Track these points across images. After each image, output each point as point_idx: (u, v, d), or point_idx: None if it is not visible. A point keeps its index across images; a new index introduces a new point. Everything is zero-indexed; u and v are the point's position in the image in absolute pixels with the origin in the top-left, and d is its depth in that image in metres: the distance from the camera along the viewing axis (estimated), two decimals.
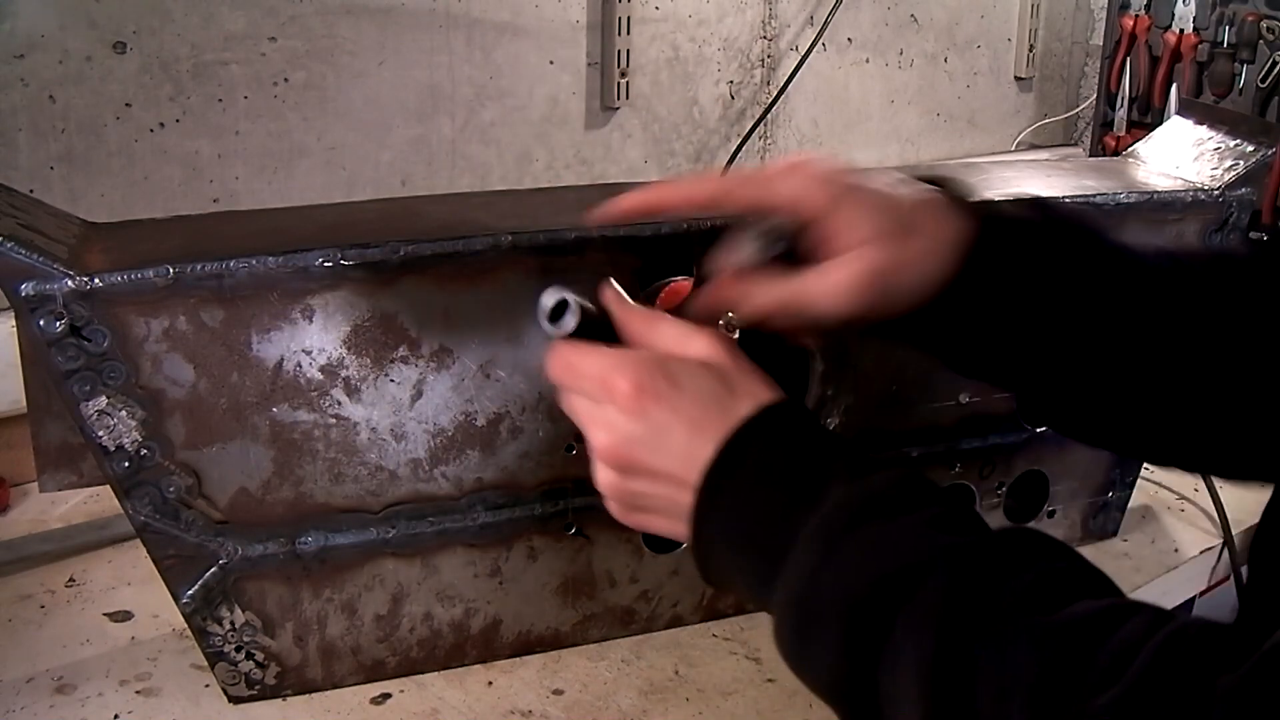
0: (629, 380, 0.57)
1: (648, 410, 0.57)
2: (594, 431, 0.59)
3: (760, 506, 0.55)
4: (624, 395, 0.57)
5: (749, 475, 0.55)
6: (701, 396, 0.57)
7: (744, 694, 0.83)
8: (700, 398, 0.57)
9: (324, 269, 0.71)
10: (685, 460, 0.56)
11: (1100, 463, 1.01)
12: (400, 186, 1.35)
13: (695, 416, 0.57)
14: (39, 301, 0.66)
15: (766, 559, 0.54)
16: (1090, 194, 0.90)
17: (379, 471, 0.77)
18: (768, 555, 0.54)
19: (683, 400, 0.57)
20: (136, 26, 1.13)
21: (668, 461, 0.57)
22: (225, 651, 0.78)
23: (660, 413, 0.57)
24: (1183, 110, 1.06)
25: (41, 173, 1.10)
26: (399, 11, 1.29)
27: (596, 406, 0.59)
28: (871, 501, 0.52)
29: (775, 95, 1.68)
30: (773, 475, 0.55)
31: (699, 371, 0.58)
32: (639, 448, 0.57)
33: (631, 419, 0.57)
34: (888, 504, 0.52)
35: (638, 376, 0.57)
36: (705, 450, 0.56)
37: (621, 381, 0.57)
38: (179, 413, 0.71)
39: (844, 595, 0.50)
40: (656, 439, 0.57)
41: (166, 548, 0.74)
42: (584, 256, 0.76)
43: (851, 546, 0.51)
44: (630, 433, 0.57)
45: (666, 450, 0.57)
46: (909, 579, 0.48)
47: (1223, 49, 1.74)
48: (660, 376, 0.57)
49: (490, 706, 0.81)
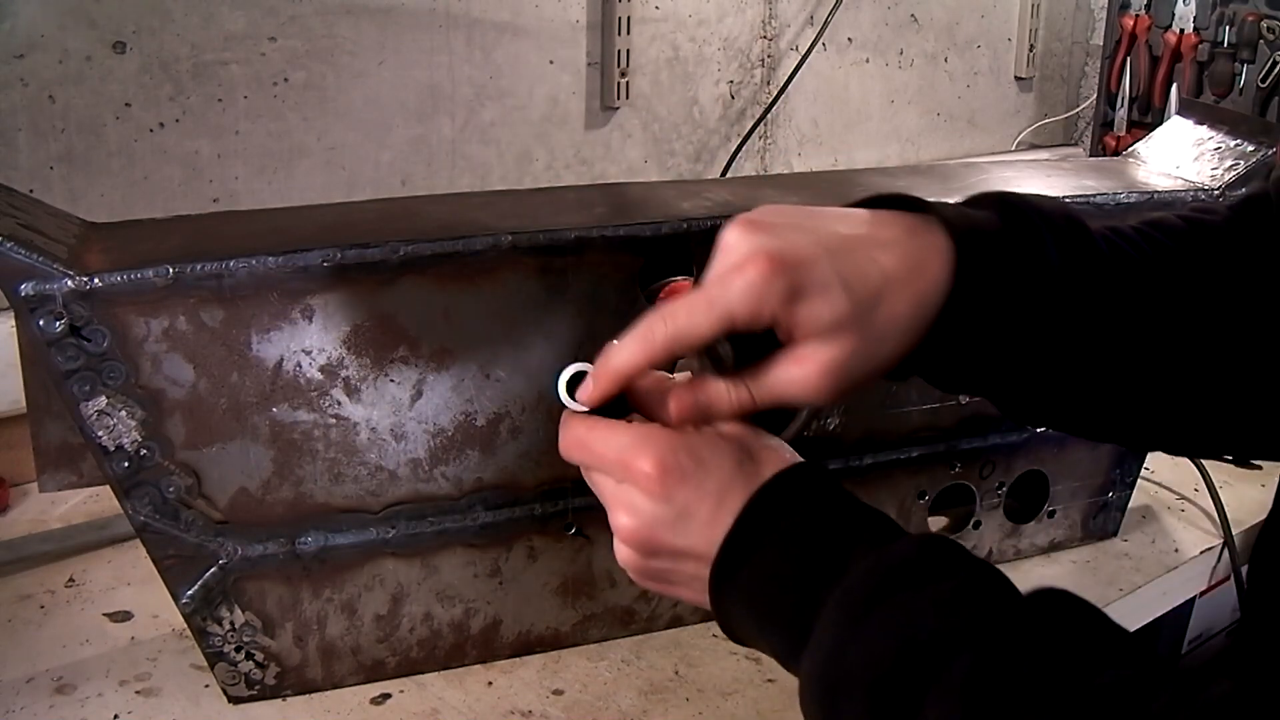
0: (652, 461, 0.56)
1: (672, 492, 0.56)
2: (616, 513, 0.58)
3: (781, 577, 0.54)
4: (647, 477, 0.56)
5: (768, 545, 0.55)
6: (725, 471, 0.56)
7: (744, 694, 0.83)
8: (724, 472, 0.56)
9: (324, 269, 0.71)
10: (708, 536, 0.56)
11: (1100, 463, 1.01)
12: (400, 186, 1.35)
13: (719, 491, 0.56)
14: (39, 301, 0.66)
15: (790, 630, 0.53)
16: (1090, 194, 0.90)
17: (379, 471, 0.77)
18: (791, 627, 0.53)
19: (707, 478, 0.56)
20: (136, 26, 1.13)
21: (691, 540, 0.56)
22: (225, 651, 0.78)
23: (685, 493, 0.56)
24: (1183, 110, 1.06)
25: (41, 173, 1.10)
26: (399, 11, 1.29)
27: (618, 487, 0.57)
28: (895, 571, 0.51)
29: (775, 95, 1.68)
30: (793, 544, 0.54)
31: (720, 445, 0.57)
32: (663, 530, 0.56)
33: (656, 502, 0.56)
34: (912, 574, 0.51)
35: (660, 457, 0.56)
36: (727, 522, 0.55)
37: (644, 463, 0.56)
38: (179, 413, 0.71)
39: (870, 671, 0.49)
40: (681, 520, 0.56)
41: (166, 548, 0.74)
42: (584, 256, 0.76)
43: (876, 619, 0.50)
44: (655, 516, 0.56)
45: (690, 529, 0.56)
46: (936, 654, 0.47)
47: (1223, 49, 1.74)
48: (684, 454, 0.56)
49: (490, 706, 0.81)
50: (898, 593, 0.50)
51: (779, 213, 0.58)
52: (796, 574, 0.53)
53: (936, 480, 0.94)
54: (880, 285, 0.56)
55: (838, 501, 0.56)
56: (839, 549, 0.53)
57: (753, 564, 0.55)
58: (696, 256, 0.79)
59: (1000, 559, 1.01)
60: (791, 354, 0.56)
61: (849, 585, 0.51)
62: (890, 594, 0.50)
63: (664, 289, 0.83)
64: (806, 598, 0.53)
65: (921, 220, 0.59)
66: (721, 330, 0.55)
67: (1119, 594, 0.97)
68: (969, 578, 0.51)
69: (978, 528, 0.98)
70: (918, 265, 0.57)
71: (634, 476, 0.56)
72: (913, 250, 0.57)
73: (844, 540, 0.54)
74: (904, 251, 0.57)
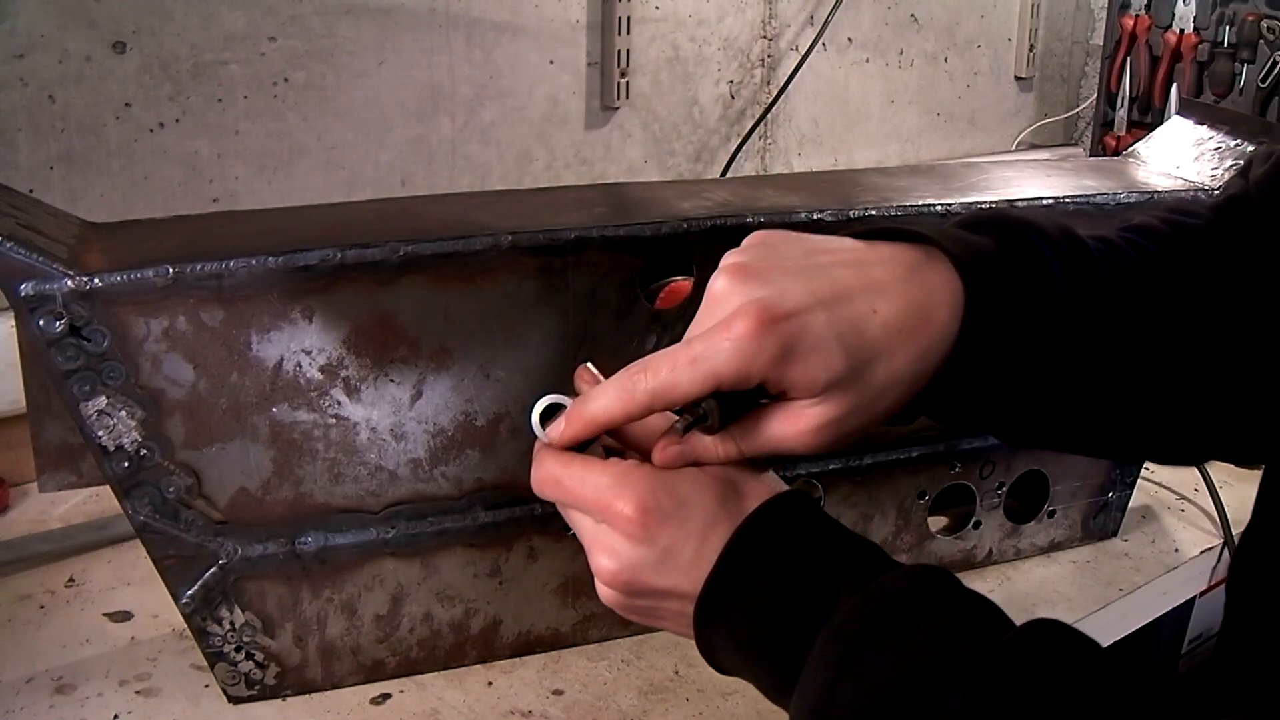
0: (632, 504, 0.54)
1: (654, 534, 0.54)
2: (596, 555, 0.56)
3: (769, 614, 0.53)
4: (627, 520, 0.54)
5: (754, 582, 0.53)
6: (707, 508, 0.55)
7: (744, 694, 0.83)
8: (706, 510, 0.55)
9: (324, 269, 0.71)
10: (693, 575, 0.54)
11: (1100, 463, 1.01)
12: (400, 186, 1.35)
13: (702, 530, 0.54)
14: (39, 301, 0.66)
15: (778, 667, 0.52)
16: (1090, 194, 0.90)
17: (379, 471, 0.77)
18: (780, 663, 0.52)
19: (690, 517, 0.54)
20: (136, 26, 1.13)
21: (675, 579, 0.55)
22: (225, 651, 0.78)
23: (667, 534, 0.54)
24: (1183, 110, 1.06)
25: (41, 173, 1.10)
26: (399, 11, 1.29)
27: (597, 528, 0.56)
28: (885, 609, 0.50)
29: (775, 95, 1.68)
30: (779, 580, 0.53)
31: (702, 482, 0.55)
32: (646, 571, 0.55)
33: (637, 544, 0.54)
34: (902, 611, 0.50)
35: (640, 498, 0.54)
36: (711, 559, 0.54)
37: (623, 505, 0.54)
38: (179, 413, 0.71)
39: (861, 712, 0.48)
40: (664, 561, 0.54)
41: (166, 548, 0.74)
42: (583, 256, 0.76)
43: (866, 659, 0.49)
44: (637, 558, 0.54)
45: (674, 569, 0.54)
46: (927, 695, 0.46)
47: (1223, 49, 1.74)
48: (664, 494, 0.54)
49: (490, 706, 0.81)
50: (888, 631, 0.49)
51: (771, 252, 0.55)
52: (784, 611, 0.52)
53: (936, 480, 0.94)
54: (880, 340, 0.53)
55: (824, 533, 0.55)
56: (827, 584, 0.52)
57: (739, 601, 0.53)
58: (696, 256, 0.79)
59: (1000, 559, 1.01)
60: (783, 411, 0.54)
61: (838, 624, 0.50)
62: (881, 632, 0.49)
63: (664, 289, 0.83)
64: (796, 635, 0.52)
65: (924, 255, 0.56)
66: (706, 391, 0.53)
67: (1119, 594, 0.97)
68: (961, 613, 0.50)
69: (978, 528, 0.98)
70: (922, 313, 0.54)
71: (613, 519, 0.54)
72: (916, 296, 0.54)
73: (832, 575, 0.53)
74: (906, 299, 0.54)
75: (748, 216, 0.80)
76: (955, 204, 0.85)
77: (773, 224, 0.80)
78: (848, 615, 0.50)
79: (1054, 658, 0.48)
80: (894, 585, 0.51)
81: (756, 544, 0.54)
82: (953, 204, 0.85)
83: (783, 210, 0.81)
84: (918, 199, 0.85)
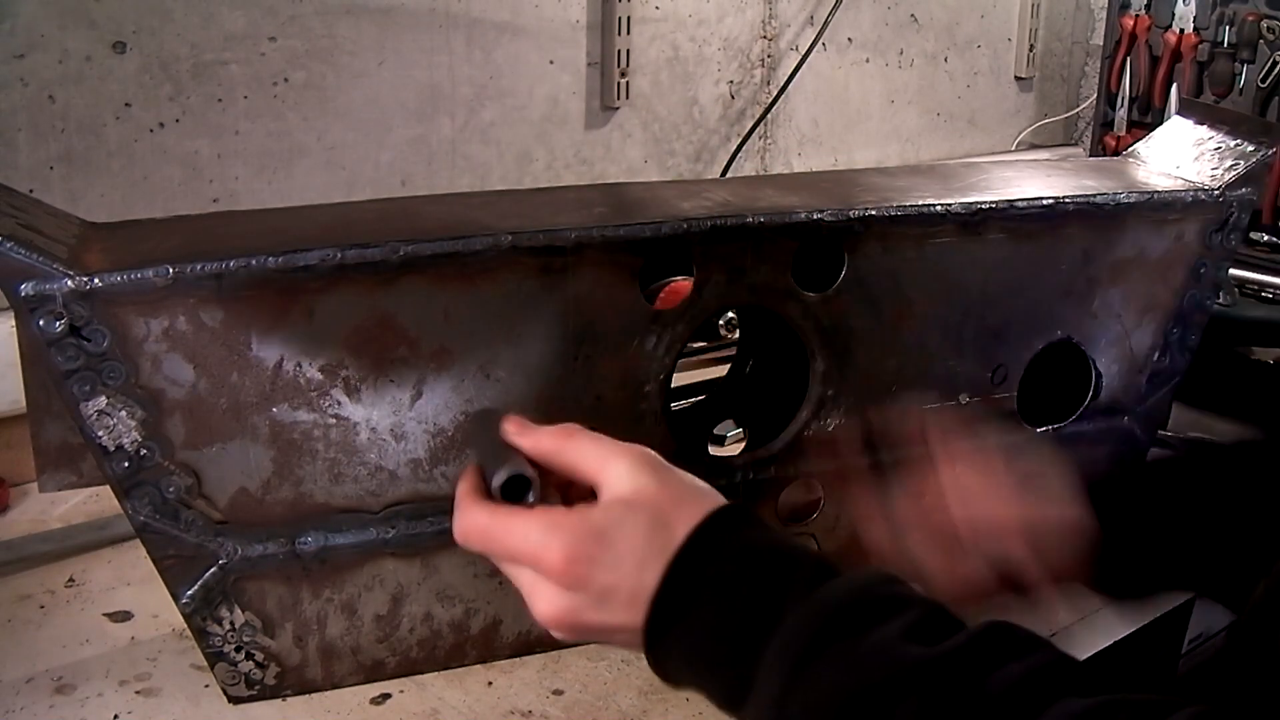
0: (559, 553, 0.55)
1: (585, 580, 0.55)
2: (534, 601, 0.57)
3: (716, 632, 0.53)
4: (558, 570, 0.55)
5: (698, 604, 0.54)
6: (636, 544, 0.55)
7: None
8: (636, 546, 0.55)
9: (324, 269, 0.71)
10: (633, 611, 0.55)
11: (1100, 463, 1.01)
12: (400, 186, 1.35)
13: (636, 566, 0.55)
14: (39, 301, 0.66)
15: (730, 682, 0.53)
16: (1090, 194, 0.90)
17: (379, 471, 0.77)
18: (731, 679, 0.53)
19: (621, 558, 0.55)
20: (136, 26, 1.13)
21: (618, 616, 0.56)
22: (225, 651, 0.78)
23: (599, 576, 0.55)
24: (1183, 110, 1.06)
25: (41, 173, 1.09)
26: (399, 11, 1.29)
27: (535, 578, 0.57)
28: (832, 619, 0.51)
29: (775, 95, 1.68)
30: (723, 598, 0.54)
31: (627, 516, 0.56)
32: (587, 612, 0.56)
33: (571, 592, 0.56)
34: (849, 619, 0.51)
35: (567, 547, 0.55)
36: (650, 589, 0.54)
37: (551, 555, 0.55)
38: (179, 413, 0.71)
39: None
40: (602, 603, 0.55)
41: (166, 548, 0.74)
42: (584, 256, 0.76)
43: (815, 671, 0.49)
44: (572, 604, 0.56)
45: (614, 608, 0.55)
46: (879, 703, 0.47)
47: (1223, 49, 1.73)
48: (590, 540, 0.55)
49: (490, 706, 0.81)
50: (835, 640, 0.50)
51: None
52: (731, 628, 0.53)
53: None
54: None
55: (762, 547, 0.55)
56: (771, 598, 0.53)
57: (684, 623, 0.54)
58: (696, 256, 0.79)
59: None
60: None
61: (786, 637, 0.51)
62: (828, 642, 0.50)
63: (664, 289, 0.83)
64: (744, 650, 0.52)
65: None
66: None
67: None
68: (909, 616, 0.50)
69: None
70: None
71: (544, 569, 0.56)
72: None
73: (775, 588, 0.53)
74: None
75: (748, 216, 0.79)
76: (955, 204, 0.85)
77: (772, 225, 0.80)
78: (795, 628, 0.51)
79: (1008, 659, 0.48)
80: (840, 593, 0.52)
81: (693, 571, 0.54)
82: (953, 204, 0.85)
83: (783, 210, 0.81)
84: (918, 199, 0.85)
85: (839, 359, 0.86)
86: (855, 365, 0.86)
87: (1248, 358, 1.32)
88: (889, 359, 0.87)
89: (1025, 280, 0.90)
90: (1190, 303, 0.97)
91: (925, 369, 0.89)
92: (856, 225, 0.83)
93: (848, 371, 0.86)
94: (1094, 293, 0.93)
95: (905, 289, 0.86)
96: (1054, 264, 0.91)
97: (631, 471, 0.57)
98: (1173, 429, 1.16)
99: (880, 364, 0.87)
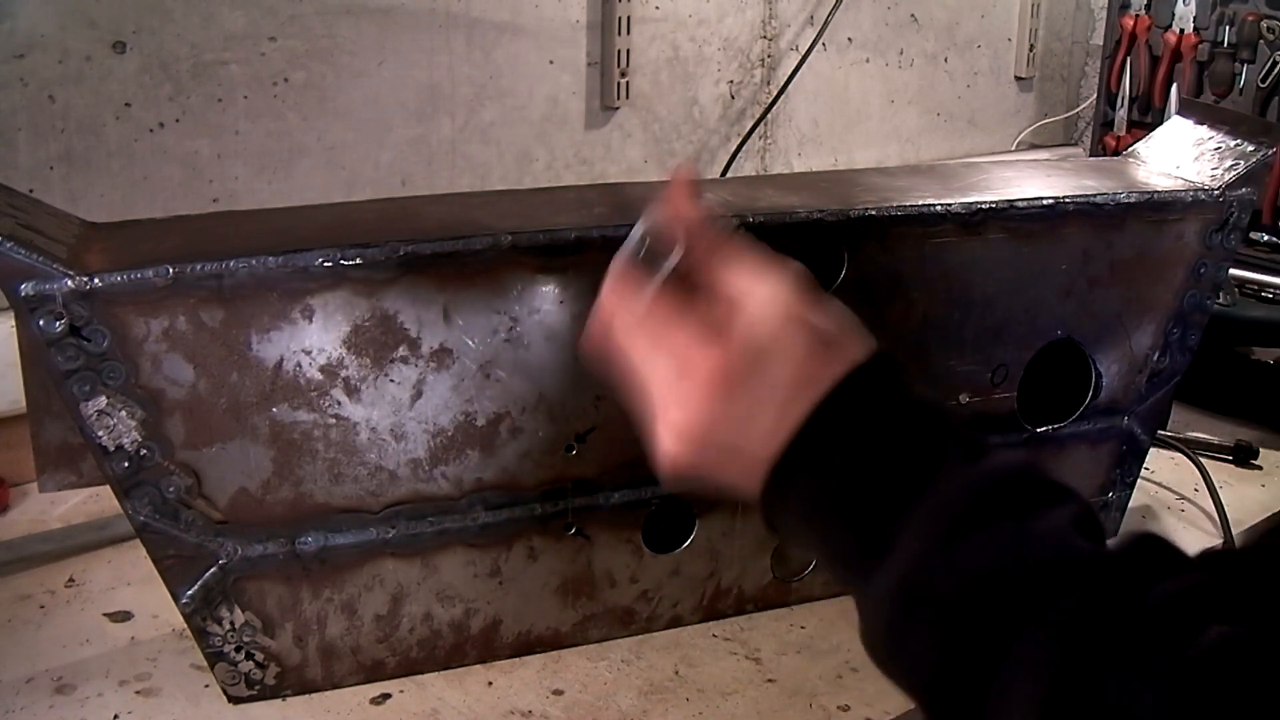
0: (719, 355, 0.52)
1: (735, 395, 0.52)
2: (666, 404, 0.54)
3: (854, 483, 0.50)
4: (708, 379, 0.52)
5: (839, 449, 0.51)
6: (791, 371, 0.52)
7: (744, 694, 0.83)
8: (789, 372, 0.52)
9: (324, 269, 0.71)
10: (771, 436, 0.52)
11: (1100, 463, 1.01)
12: (400, 186, 1.35)
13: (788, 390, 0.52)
14: (39, 301, 0.66)
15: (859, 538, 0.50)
16: (1090, 194, 0.90)
17: (379, 471, 0.77)
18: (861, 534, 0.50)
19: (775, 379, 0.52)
20: (136, 26, 1.13)
21: (751, 440, 0.52)
22: (225, 651, 0.78)
23: (748, 395, 0.52)
24: (1183, 110, 1.06)
25: (41, 173, 1.09)
26: (399, 11, 1.29)
27: (674, 377, 0.54)
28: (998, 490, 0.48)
29: (775, 95, 1.68)
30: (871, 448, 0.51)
31: (784, 338, 0.53)
32: (720, 428, 0.53)
33: (716, 402, 0.52)
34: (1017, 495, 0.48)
35: (729, 354, 0.52)
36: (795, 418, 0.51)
37: (707, 360, 0.52)
38: (179, 413, 0.71)
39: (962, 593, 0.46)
40: (743, 422, 0.52)
41: (166, 548, 0.74)
42: (584, 256, 0.76)
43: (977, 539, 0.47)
44: (713, 415, 0.53)
45: (751, 430, 0.52)
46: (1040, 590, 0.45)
47: (1223, 49, 1.73)
48: (748, 355, 0.52)
49: (490, 706, 0.81)
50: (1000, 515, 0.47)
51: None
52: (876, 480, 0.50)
53: None
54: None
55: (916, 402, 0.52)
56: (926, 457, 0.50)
57: (819, 465, 0.51)
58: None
59: None
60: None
61: (947, 500, 0.48)
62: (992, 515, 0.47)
63: None
64: (888, 505, 0.49)
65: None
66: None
67: None
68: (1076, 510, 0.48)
69: None
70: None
71: (693, 374, 0.53)
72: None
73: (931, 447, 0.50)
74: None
75: (748, 216, 0.80)
76: (955, 204, 0.85)
77: (772, 225, 0.80)
78: (956, 492, 0.48)
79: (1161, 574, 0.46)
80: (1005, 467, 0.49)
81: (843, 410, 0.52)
82: (953, 204, 0.85)
83: (783, 210, 0.81)
84: (918, 199, 0.85)
85: None
86: None
87: (1248, 358, 1.32)
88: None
89: (1025, 280, 0.90)
90: (1190, 303, 0.97)
91: (925, 369, 0.89)
92: (856, 225, 0.83)
93: None
94: (1094, 293, 0.93)
95: (905, 289, 0.86)
96: (1054, 264, 0.91)
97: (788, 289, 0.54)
98: (1172, 429, 1.17)
99: None
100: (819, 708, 0.81)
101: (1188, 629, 0.43)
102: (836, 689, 0.83)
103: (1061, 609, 0.44)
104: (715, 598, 0.90)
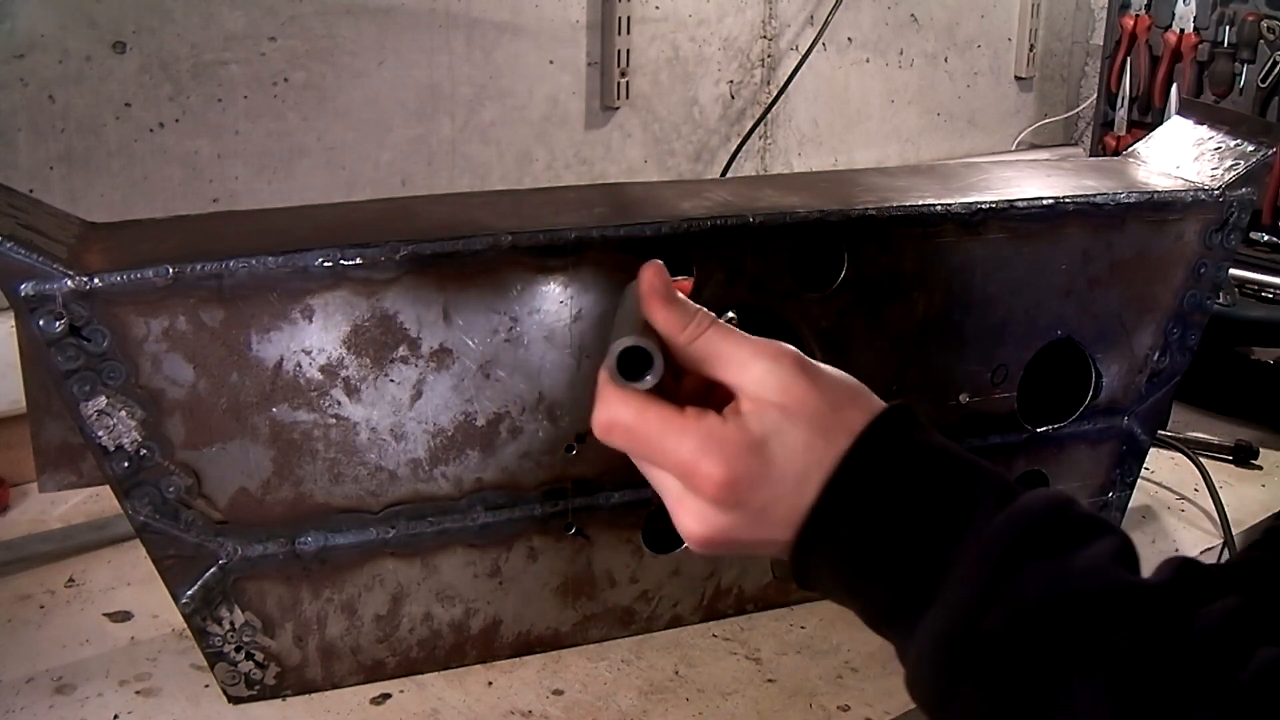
0: (718, 471, 0.51)
1: (744, 500, 0.52)
2: (680, 515, 0.54)
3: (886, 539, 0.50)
4: (716, 487, 0.52)
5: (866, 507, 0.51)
6: (797, 457, 0.52)
7: (744, 694, 0.83)
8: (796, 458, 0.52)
9: (324, 269, 0.71)
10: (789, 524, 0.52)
11: (1100, 462, 1.01)
12: (400, 186, 1.35)
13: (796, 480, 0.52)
14: (38, 301, 0.66)
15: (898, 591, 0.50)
16: (1090, 194, 0.90)
17: (379, 471, 0.77)
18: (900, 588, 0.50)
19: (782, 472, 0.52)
20: (136, 26, 1.13)
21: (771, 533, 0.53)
22: (225, 651, 0.78)
23: (759, 494, 0.52)
24: (1183, 110, 1.06)
25: (41, 173, 1.09)
26: (399, 11, 1.29)
27: (680, 489, 0.53)
28: (1036, 531, 0.48)
29: (775, 95, 1.68)
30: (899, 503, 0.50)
31: (784, 425, 0.52)
32: (738, 530, 0.53)
33: (727, 510, 0.52)
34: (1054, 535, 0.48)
35: (726, 466, 0.51)
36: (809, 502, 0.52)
37: (709, 472, 0.52)
38: (179, 413, 0.71)
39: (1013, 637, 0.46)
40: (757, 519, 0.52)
41: (166, 548, 0.74)
42: (584, 256, 0.76)
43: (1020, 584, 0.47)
44: (726, 523, 0.53)
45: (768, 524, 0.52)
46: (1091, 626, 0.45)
47: (1223, 49, 1.73)
48: (749, 456, 0.52)
49: (490, 706, 0.81)
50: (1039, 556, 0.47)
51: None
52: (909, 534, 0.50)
53: None
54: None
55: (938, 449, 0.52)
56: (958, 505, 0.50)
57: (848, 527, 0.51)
58: (696, 256, 0.79)
59: None
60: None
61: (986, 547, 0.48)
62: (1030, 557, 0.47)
63: None
64: (924, 557, 0.49)
65: None
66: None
67: None
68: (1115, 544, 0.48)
69: None
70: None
71: (699, 485, 0.52)
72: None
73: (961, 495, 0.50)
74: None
75: (748, 216, 0.80)
76: (955, 204, 0.85)
77: (772, 225, 0.80)
78: (994, 537, 0.48)
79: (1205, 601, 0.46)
80: (1039, 506, 0.49)
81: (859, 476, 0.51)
82: (953, 204, 0.85)
83: (783, 210, 0.81)
84: (918, 199, 0.85)
85: (839, 359, 0.86)
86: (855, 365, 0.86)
87: (1248, 358, 1.32)
88: (889, 359, 0.87)
89: (1025, 280, 0.90)
90: (1190, 303, 0.97)
91: (925, 369, 0.89)
92: (857, 225, 0.83)
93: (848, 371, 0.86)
94: (1094, 293, 0.93)
95: (905, 289, 0.86)
96: (1054, 264, 0.91)
97: (777, 372, 0.53)
98: (1172, 429, 1.17)
99: (880, 364, 0.87)
100: (819, 708, 0.81)
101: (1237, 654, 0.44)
102: (836, 689, 0.83)
103: (1112, 645, 0.44)
104: (715, 598, 0.90)
